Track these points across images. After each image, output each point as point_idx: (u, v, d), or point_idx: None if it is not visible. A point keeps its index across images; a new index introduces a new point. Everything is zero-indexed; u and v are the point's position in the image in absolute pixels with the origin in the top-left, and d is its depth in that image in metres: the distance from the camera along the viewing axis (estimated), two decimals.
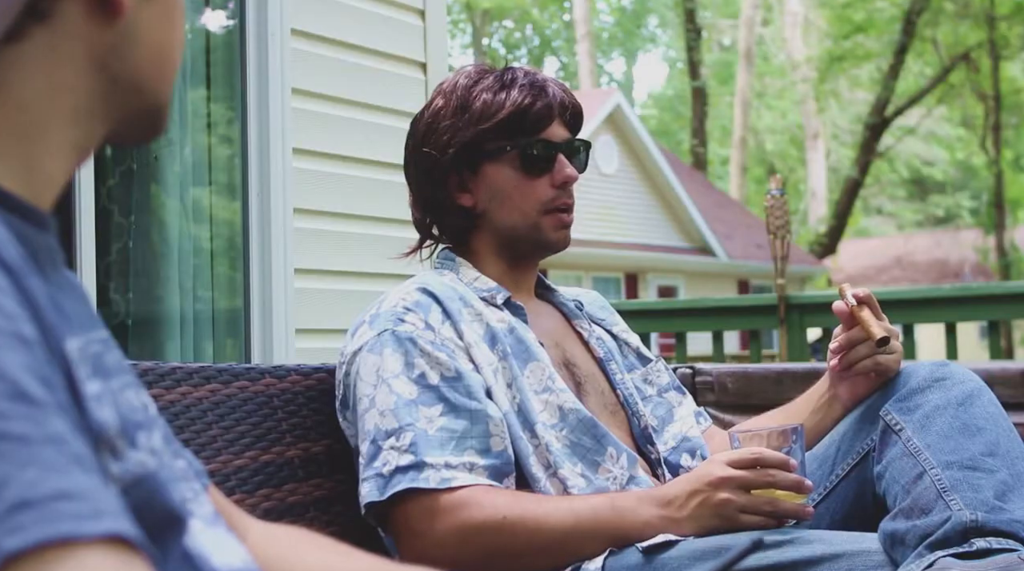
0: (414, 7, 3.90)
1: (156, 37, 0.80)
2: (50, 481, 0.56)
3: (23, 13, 0.72)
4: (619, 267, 20.07)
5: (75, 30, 0.75)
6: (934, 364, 1.71)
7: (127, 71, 0.79)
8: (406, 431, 1.59)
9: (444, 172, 1.78)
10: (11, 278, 0.64)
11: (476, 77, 1.81)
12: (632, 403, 1.85)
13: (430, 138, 1.79)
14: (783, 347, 4.50)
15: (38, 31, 0.73)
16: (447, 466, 1.57)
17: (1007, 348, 21.29)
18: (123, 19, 0.77)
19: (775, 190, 4.69)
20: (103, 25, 0.76)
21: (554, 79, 1.84)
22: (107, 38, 0.77)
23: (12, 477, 0.55)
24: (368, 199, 3.65)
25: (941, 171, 32.09)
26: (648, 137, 20.64)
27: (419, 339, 1.64)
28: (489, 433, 1.62)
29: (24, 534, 0.54)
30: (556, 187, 1.79)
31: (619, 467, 1.70)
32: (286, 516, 1.70)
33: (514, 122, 1.76)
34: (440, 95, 1.82)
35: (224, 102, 3.47)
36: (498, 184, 1.78)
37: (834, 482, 1.74)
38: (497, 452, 1.62)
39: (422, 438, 1.58)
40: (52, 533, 0.54)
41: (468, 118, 1.77)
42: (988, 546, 1.44)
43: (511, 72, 1.81)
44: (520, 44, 32.97)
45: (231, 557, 0.83)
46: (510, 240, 1.81)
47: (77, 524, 0.55)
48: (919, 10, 22.57)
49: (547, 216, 1.80)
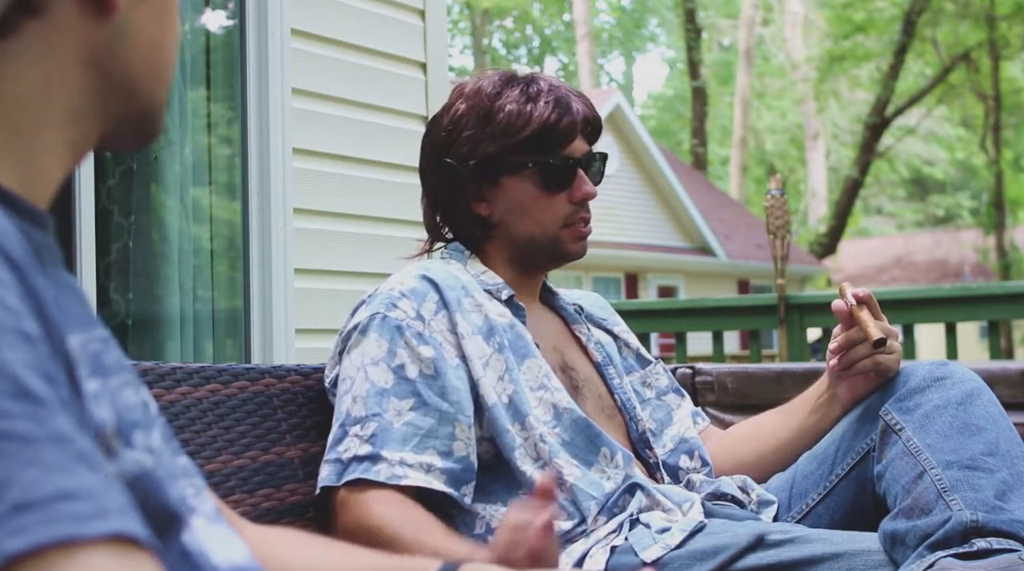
0: (414, 7, 3.90)
1: (150, 35, 0.80)
2: (53, 481, 0.56)
3: (16, 7, 0.72)
4: (619, 267, 20.07)
5: (69, 26, 0.75)
6: (934, 364, 1.70)
7: (121, 69, 0.79)
8: (371, 421, 1.60)
9: (463, 182, 1.78)
10: (16, 273, 0.64)
11: (500, 86, 1.78)
12: (630, 407, 1.85)
13: (450, 146, 1.78)
14: (783, 347, 4.50)
15: (31, 26, 0.73)
16: (402, 463, 1.58)
17: (1007, 348, 21.29)
18: (117, 16, 0.77)
19: (775, 190, 4.69)
20: (97, 22, 0.76)
21: (575, 91, 1.83)
22: (101, 35, 0.77)
23: (14, 477, 0.55)
24: (368, 199, 3.65)
25: (941, 171, 32.09)
26: (648, 137, 20.64)
27: (406, 329, 1.65)
28: (454, 437, 1.62)
29: (26, 536, 0.53)
30: (574, 203, 1.79)
31: (614, 467, 1.70)
32: (286, 516, 1.70)
33: (538, 139, 1.75)
34: (462, 99, 1.80)
35: (224, 102, 3.47)
36: (517, 197, 1.78)
37: (834, 482, 1.74)
38: (459, 457, 1.62)
39: (385, 430, 1.60)
40: (54, 535, 0.54)
41: (491, 131, 1.75)
42: (988, 546, 1.44)
43: (535, 83, 1.79)
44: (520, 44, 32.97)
45: (233, 554, 0.82)
46: (526, 250, 1.81)
47: (80, 525, 0.55)
48: (919, 10, 22.57)
49: (566, 229, 1.80)
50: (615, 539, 1.61)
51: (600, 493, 1.65)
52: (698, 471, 1.87)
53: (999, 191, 25.29)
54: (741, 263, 21.76)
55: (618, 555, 1.58)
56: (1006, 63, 24.71)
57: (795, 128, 30.79)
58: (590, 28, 26.49)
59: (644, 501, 1.66)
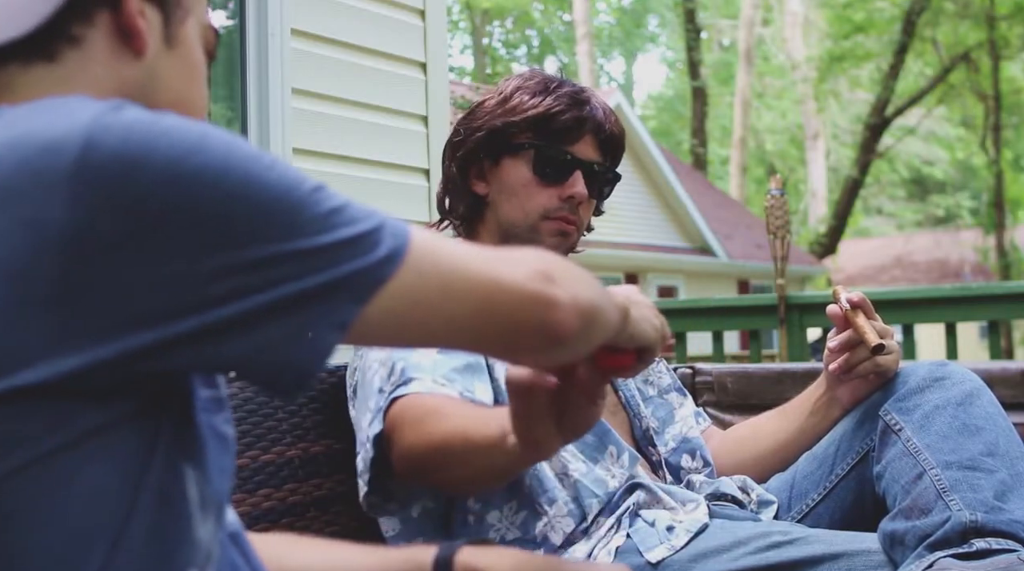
0: (414, 7, 3.90)
1: (177, 89, 0.89)
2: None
3: (57, 36, 0.81)
4: (619, 267, 20.06)
5: (104, 60, 0.83)
6: (933, 364, 1.70)
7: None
8: (398, 363, 1.59)
9: (468, 156, 1.82)
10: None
11: (528, 78, 1.84)
12: (634, 405, 1.85)
13: (467, 121, 1.84)
14: (783, 347, 4.50)
15: (71, 54, 0.82)
16: (434, 381, 1.56)
17: (1007, 348, 21.28)
18: (146, 58, 0.85)
19: (775, 190, 4.69)
20: (129, 61, 0.85)
21: (603, 103, 1.85)
22: (134, 74, 0.85)
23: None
24: (368, 199, 3.62)
25: (941, 171, 32.09)
26: (648, 137, 20.62)
27: None
28: (476, 384, 1.61)
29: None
30: (562, 200, 1.79)
31: (619, 466, 1.69)
32: (286, 516, 1.70)
33: (541, 123, 1.78)
34: (496, 92, 1.86)
35: (224, 102, 3.47)
36: (510, 179, 1.80)
37: (834, 482, 1.74)
38: (484, 402, 1.59)
39: (413, 365, 1.58)
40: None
41: (502, 110, 1.80)
42: (988, 547, 1.44)
43: (561, 83, 1.83)
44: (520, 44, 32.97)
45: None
46: (508, 235, 1.82)
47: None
48: (919, 10, 22.57)
49: (547, 221, 1.80)
50: (616, 536, 1.60)
51: (603, 491, 1.65)
52: (699, 471, 1.87)
53: (999, 191, 25.29)
54: (741, 263, 21.75)
55: (621, 556, 1.58)
56: (1006, 63, 24.72)
57: (795, 128, 30.80)
58: (590, 28, 26.49)
59: (644, 497, 1.66)
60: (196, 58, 0.91)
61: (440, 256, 0.80)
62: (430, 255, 0.80)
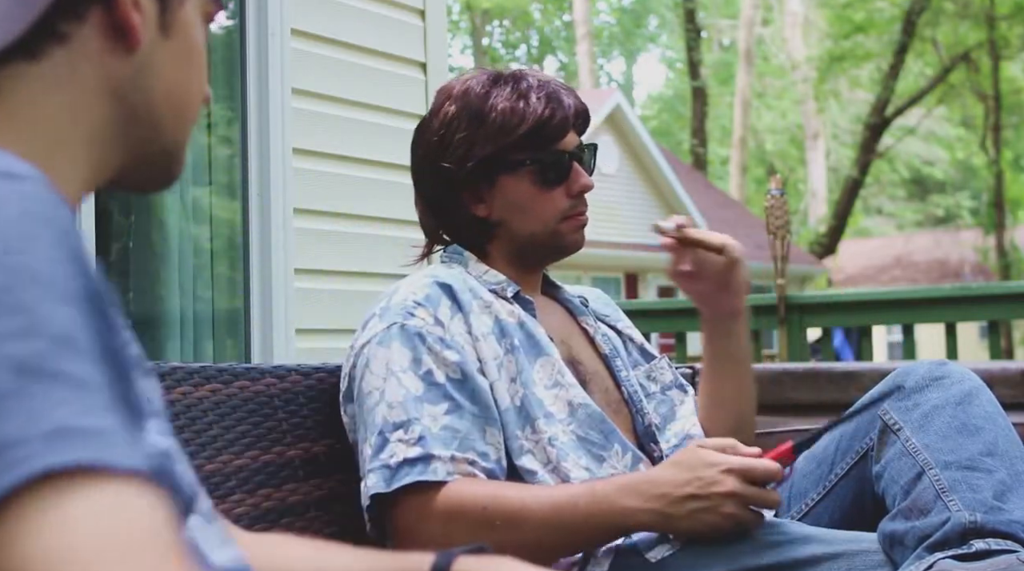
0: (414, 7, 3.90)
1: (173, 78, 0.85)
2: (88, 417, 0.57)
3: (43, 33, 0.76)
4: (619, 267, 20.06)
5: (93, 56, 0.79)
6: (932, 363, 1.70)
7: (145, 105, 0.83)
8: (414, 425, 1.58)
9: (460, 185, 1.77)
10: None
11: (489, 85, 1.77)
12: (636, 400, 1.85)
13: (444, 150, 1.76)
14: (783, 347, 4.50)
15: (57, 52, 0.77)
16: (453, 459, 1.57)
17: (1007, 348, 21.27)
18: (139, 53, 0.81)
19: (775, 190, 4.69)
20: (120, 56, 0.81)
21: (563, 84, 1.83)
22: (126, 69, 0.81)
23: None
24: (368, 199, 3.65)
25: (941, 171, 32.09)
26: (648, 137, 20.64)
27: (428, 335, 1.64)
28: (487, 441, 1.62)
29: (62, 455, 0.54)
30: (572, 197, 1.79)
31: (623, 464, 1.69)
32: (286, 516, 1.70)
33: (533, 136, 1.75)
34: (450, 101, 1.79)
35: (224, 102, 3.47)
36: (515, 196, 1.78)
37: (833, 482, 1.74)
38: (494, 459, 1.61)
39: (429, 433, 1.58)
40: (88, 457, 0.55)
41: (486, 131, 1.74)
42: (987, 547, 1.44)
43: (524, 80, 1.78)
44: (520, 44, 32.97)
45: (224, 556, 0.83)
46: (528, 247, 1.81)
47: (112, 455, 0.56)
48: (919, 10, 22.58)
49: (564, 222, 1.80)
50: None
51: None
52: None
53: (999, 191, 25.29)
54: None
55: (621, 556, 1.58)
56: (1006, 63, 24.71)
57: (795, 128, 30.79)
58: (590, 28, 26.49)
59: None
60: (195, 42, 0.86)
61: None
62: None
